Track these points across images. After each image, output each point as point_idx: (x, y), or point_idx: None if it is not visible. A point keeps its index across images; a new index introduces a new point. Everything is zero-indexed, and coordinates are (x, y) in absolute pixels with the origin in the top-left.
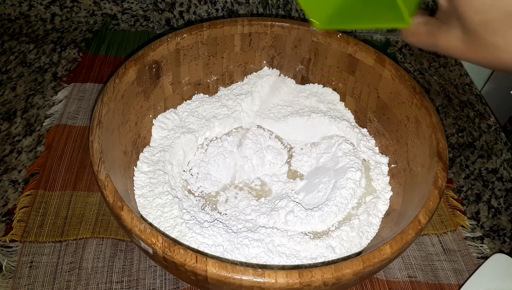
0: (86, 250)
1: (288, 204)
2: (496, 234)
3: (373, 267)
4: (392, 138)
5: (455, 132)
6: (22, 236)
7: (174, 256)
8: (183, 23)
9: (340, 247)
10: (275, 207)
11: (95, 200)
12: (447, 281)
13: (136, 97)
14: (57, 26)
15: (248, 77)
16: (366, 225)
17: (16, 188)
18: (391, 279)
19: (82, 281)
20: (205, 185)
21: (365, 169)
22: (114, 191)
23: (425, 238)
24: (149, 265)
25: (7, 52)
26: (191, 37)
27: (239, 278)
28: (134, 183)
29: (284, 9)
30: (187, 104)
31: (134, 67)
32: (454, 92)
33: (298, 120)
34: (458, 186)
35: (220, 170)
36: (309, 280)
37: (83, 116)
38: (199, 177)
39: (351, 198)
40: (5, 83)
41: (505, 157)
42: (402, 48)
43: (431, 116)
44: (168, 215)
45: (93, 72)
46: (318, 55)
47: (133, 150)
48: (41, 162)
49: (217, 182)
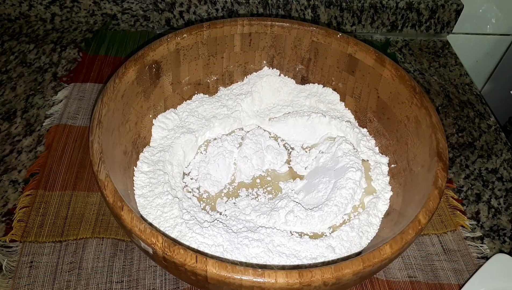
0: (86, 250)
1: (288, 204)
2: (496, 234)
3: (373, 267)
4: (392, 138)
5: (455, 132)
6: (22, 236)
7: (174, 256)
8: (183, 23)
9: (340, 247)
10: (275, 207)
11: (95, 200)
12: (447, 281)
13: (136, 97)
14: (57, 26)
15: (248, 77)
16: (366, 225)
17: (16, 188)
18: (391, 279)
19: (82, 281)
20: (205, 185)
21: (365, 169)
22: (114, 191)
23: (425, 238)
24: (149, 265)
25: (7, 52)
26: (191, 37)
27: (239, 278)
28: (134, 183)
29: (284, 9)
30: (187, 104)
31: (134, 67)
32: (454, 92)
33: (298, 120)
34: (458, 186)
35: (220, 170)
36: (309, 280)
37: (83, 116)
38: (199, 177)
39: (351, 198)
40: (5, 83)
41: (505, 157)
42: (402, 48)
43: (431, 116)
44: (168, 215)
45: (93, 72)
46: (318, 55)
47: (133, 150)
48: (41, 162)
49: (217, 182)
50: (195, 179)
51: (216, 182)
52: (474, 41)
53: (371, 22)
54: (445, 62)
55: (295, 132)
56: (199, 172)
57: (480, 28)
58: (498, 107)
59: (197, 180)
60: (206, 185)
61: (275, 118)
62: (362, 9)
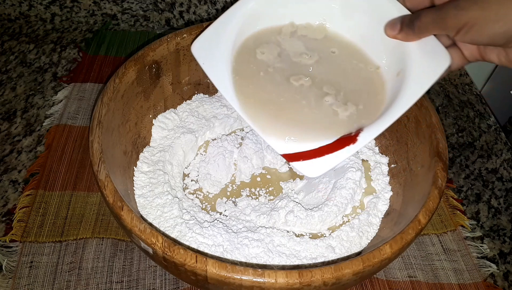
0: (86, 250)
1: (288, 204)
2: (496, 234)
3: (373, 267)
4: (392, 138)
5: (455, 132)
6: (22, 236)
7: (174, 256)
8: (183, 23)
9: (340, 247)
10: (275, 207)
11: (95, 200)
12: (447, 281)
13: (136, 97)
14: (57, 26)
15: None
16: (366, 225)
17: (16, 188)
18: (391, 279)
19: (82, 281)
20: (205, 185)
21: (365, 169)
22: (114, 191)
23: (425, 238)
24: (149, 265)
25: (7, 52)
26: (191, 37)
27: (239, 278)
28: (134, 183)
29: None
30: (187, 104)
31: (134, 67)
32: (454, 92)
33: None
34: (458, 186)
35: (220, 170)
36: (309, 280)
37: (83, 116)
38: (199, 177)
39: (351, 198)
40: (5, 83)
41: (505, 157)
42: None
43: (431, 116)
44: (168, 215)
45: (93, 72)
46: None
47: (133, 150)
48: (41, 162)
49: (217, 182)
50: (195, 179)
51: (216, 182)
52: None
53: None
54: None
55: None
56: (199, 172)
57: None
58: (498, 107)
59: (197, 181)
60: (206, 185)
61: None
62: None
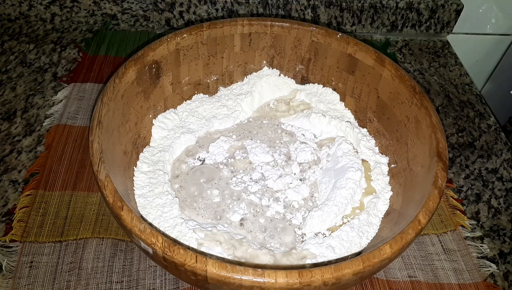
0: (86, 250)
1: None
2: (496, 234)
3: (373, 267)
4: (392, 138)
5: (455, 132)
6: (22, 236)
7: (174, 256)
8: (183, 23)
9: (340, 247)
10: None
11: (95, 200)
12: (447, 281)
13: (136, 97)
14: (57, 26)
15: (248, 77)
16: (366, 225)
17: (16, 188)
18: (391, 279)
19: (82, 281)
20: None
21: (365, 169)
22: (114, 191)
23: (425, 238)
24: (149, 265)
25: (7, 52)
26: (191, 37)
27: (239, 278)
28: (134, 183)
29: (284, 9)
30: (187, 104)
31: (134, 67)
32: (454, 92)
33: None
34: (458, 186)
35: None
36: (309, 280)
37: (83, 116)
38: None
39: (351, 198)
40: (5, 83)
41: (505, 157)
42: (402, 48)
43: (431, 116)
44: (168, 215)
45: (93, 72)
46: (318, 55)
47: (133, 150)
48: (41, 162)
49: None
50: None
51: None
52: (474, 41)
53: (371, 22)
54: (445, 62)
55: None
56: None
57: (480, 28)
58: (498, 107)
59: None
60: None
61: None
62: (362, 9)
